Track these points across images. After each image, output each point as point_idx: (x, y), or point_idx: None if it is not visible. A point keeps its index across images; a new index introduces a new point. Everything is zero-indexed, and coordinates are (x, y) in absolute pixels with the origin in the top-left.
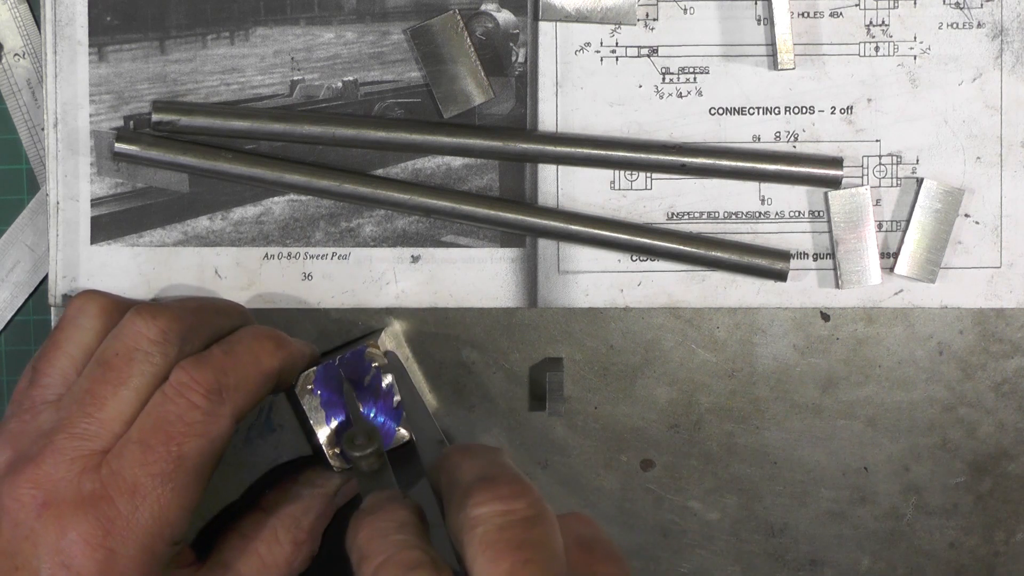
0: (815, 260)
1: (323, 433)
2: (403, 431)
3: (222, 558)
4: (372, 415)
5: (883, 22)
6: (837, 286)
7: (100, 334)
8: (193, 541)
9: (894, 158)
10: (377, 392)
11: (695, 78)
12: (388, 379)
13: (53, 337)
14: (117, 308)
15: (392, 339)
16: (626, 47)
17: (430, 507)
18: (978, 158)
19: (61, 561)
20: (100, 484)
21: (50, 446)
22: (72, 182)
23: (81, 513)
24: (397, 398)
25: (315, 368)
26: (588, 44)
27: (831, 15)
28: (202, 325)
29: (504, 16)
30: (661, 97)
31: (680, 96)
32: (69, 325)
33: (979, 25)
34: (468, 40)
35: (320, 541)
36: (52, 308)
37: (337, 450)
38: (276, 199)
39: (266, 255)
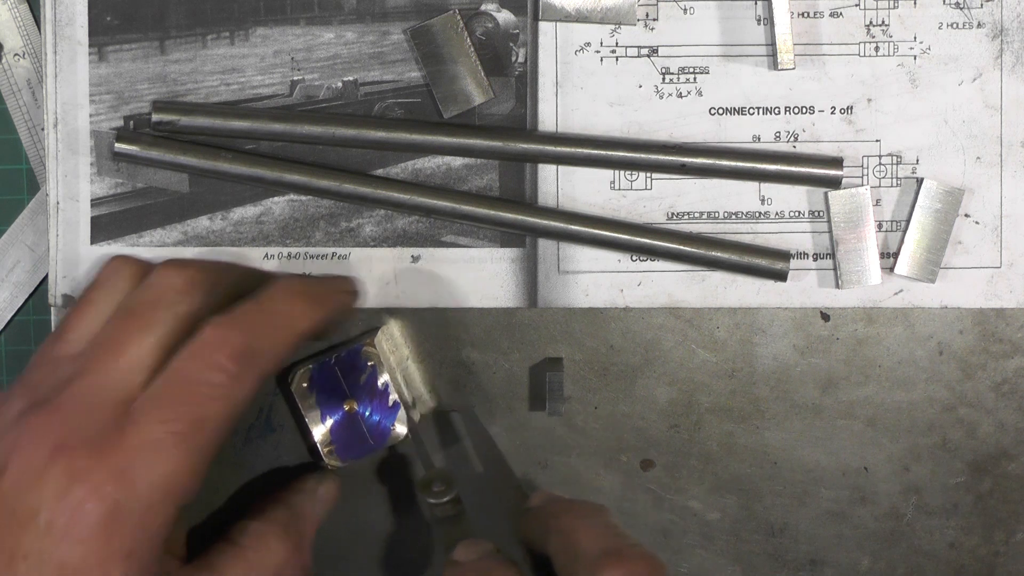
0: (815, 260)
1: (318, 432)
2: (399, 428)
3: (210, 561)
4: (368, 413)
5: (883, 22)
6: (837, 286)
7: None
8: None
9: (894, 158)
10: (373, 391)
11: (695, 78)
12: (384, 378)
13: (84, 296)
14: (150, 272)
15: (388, 338)
16: (626, 47)
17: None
18: (978, 158)
19: (66, 506)
20: (117, 434)
21: (69, 390)
22: (72, 182)
23: (94, 461)
24: (393, 396)
25: (311, 367)
26: (588, 44)
27: (831, 15)
28: (231, 279)
29: (504, 16)
30: (661, 97)
31: (680, 96)
32: (101, 286)
33: (979, 25)
34: (468, 40)
35: (310, 549)
36: (52, 308)
37: (331, 448)
38: (276, 199)
39: (266, 255)
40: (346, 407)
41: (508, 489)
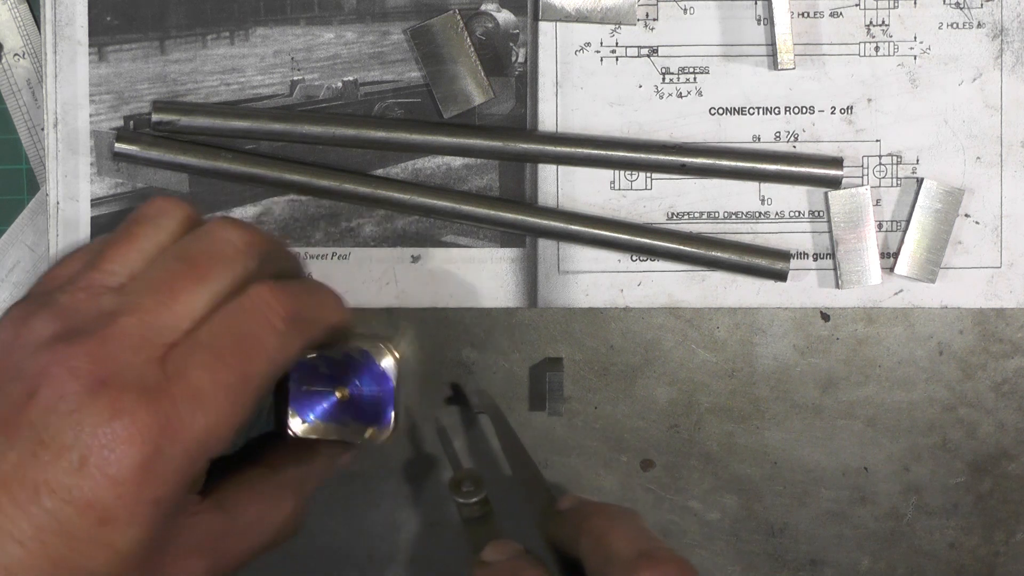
0: (815, 260)
1: (295, 424)
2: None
3: (226, 498)
4: (363, 395)
5: (883, 22)
6: (837, 286)
7: (179, 239)
8: None
9: (894, 158)
10: (369, 375)
11: (695, 78)
12: (387, 361)
13: (127, 230)
14: (199, 222)
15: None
16: (626, 47)
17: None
18: (978, 158)
19: (102, 444)
20: (164, 378)
21: (114, 324)
22: (72, 182)
23: (142, 402)
24: (393, 384)
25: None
26: (588, 44)
27: (831, 15)
28: (280, 254)
29: (504, 16)
30: (661, 97)
31: (680, 96)
32: (148, 222)
33: (979, 25)
34: (468, 40)
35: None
36: None
37: (300, 420)
38: (276, 199)
39: None
40: (338, 395)
41: (536, 491)
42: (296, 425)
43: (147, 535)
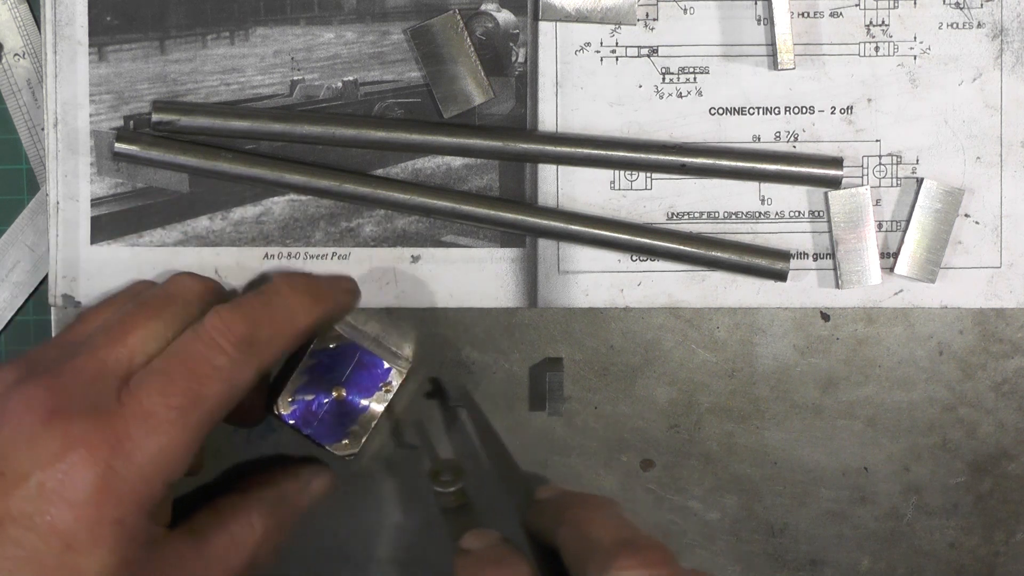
0: (815, 260)
1: (283, 402)
2: (375, 406)
3: (194, 526)
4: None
5: (883, 22)
6: (837, 286)
7: None
8: None
9: (894, 158)
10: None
11: (695, 78)
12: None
13: (107, 299)
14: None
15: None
16: (626, 47)
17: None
18: (978, 158)
19: (60, 469)
20: (117, 404)
21: (71, 362)
22: (72, 182)
23: (92, 426)
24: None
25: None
26: (588, 44)
27: (831, 15)
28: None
29: (504, 16)
30: (661, 97)
31: (680, 96)
32: (121, 293)
33: (979, 25)
34: (468, 40)
35: (288, 535)
36: (52, 308)
37: (289, 399)
38: (276, 199)
39: (266, 255)
40: (334, 394)
41: (514, 482)
42: (284, 407)
43: (114, 559)
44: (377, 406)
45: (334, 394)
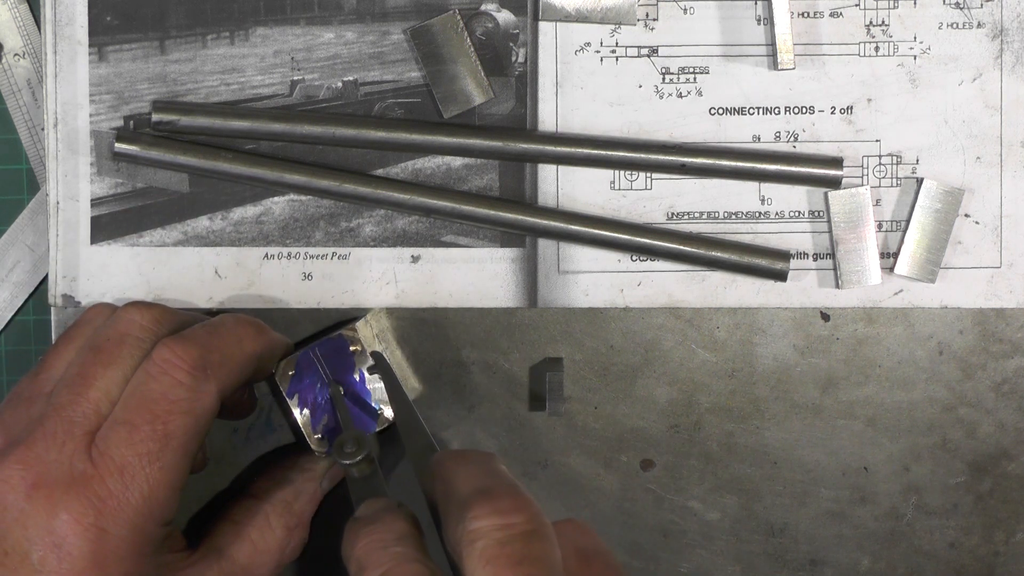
0: (815, 260)
1: (303, 419)
2: (387, 411)
3: (214, 544)
4: (355, 398)
5: (883, 22)
6: (837, 286)
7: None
8: (184, 528)
9: (894, 158)
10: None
11: (695, 78)
12: (370, 361)
13: (65, 333)
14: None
15: (371, 326)
16: (626, 47)
17: (421, 514)
18: (978, 158)
19: (52, 542)
20: (90, 464)
21: (40, 429)
22: (72, 182)
23: (72, 493)
24: (380, 385)
25: (295, 355)
26: (588, 44)
27: (831, 15)
28: (189, 321)
29: (504, 16)
30: (661, 97)
31: (680, 96)
32: (82, 323)
33: (979, 25)
34: (468, 40)
35: (310, 527)
36: (52, 308)
37: (319, 435)
38: (276, 199)
39: (266, 255)
40: (331, 393)
41: (419, 445)
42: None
43: None
44: None
45: (330, 390)
